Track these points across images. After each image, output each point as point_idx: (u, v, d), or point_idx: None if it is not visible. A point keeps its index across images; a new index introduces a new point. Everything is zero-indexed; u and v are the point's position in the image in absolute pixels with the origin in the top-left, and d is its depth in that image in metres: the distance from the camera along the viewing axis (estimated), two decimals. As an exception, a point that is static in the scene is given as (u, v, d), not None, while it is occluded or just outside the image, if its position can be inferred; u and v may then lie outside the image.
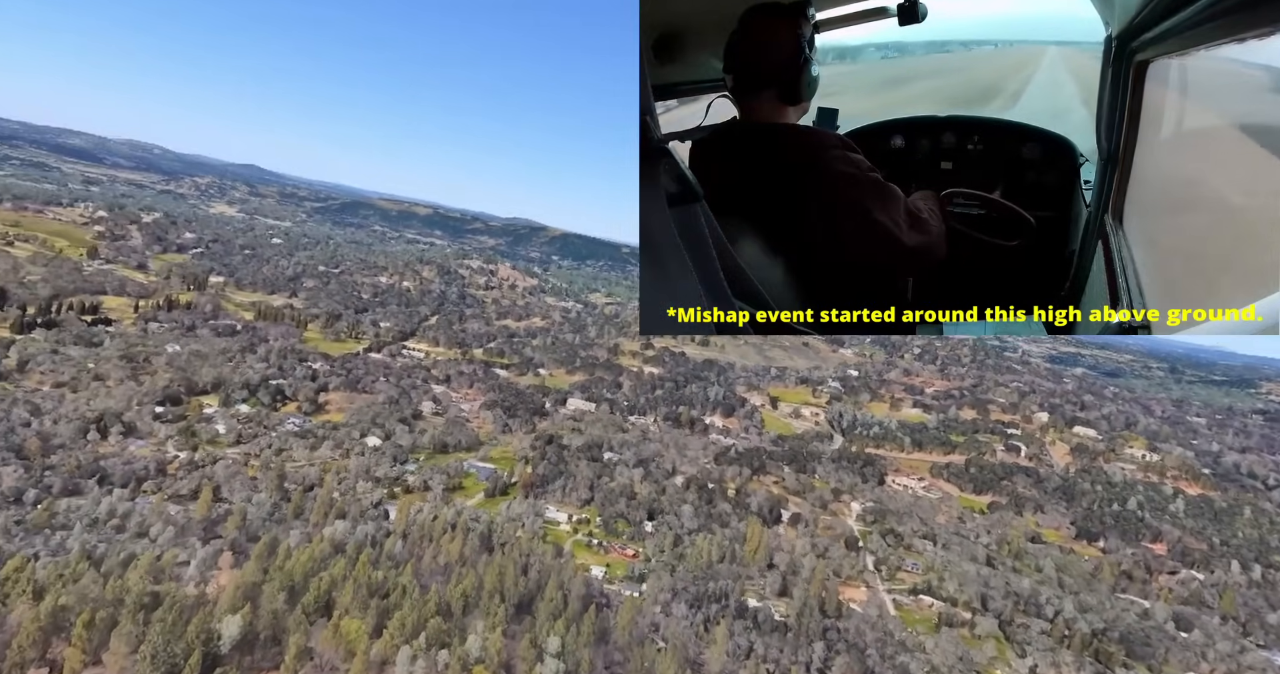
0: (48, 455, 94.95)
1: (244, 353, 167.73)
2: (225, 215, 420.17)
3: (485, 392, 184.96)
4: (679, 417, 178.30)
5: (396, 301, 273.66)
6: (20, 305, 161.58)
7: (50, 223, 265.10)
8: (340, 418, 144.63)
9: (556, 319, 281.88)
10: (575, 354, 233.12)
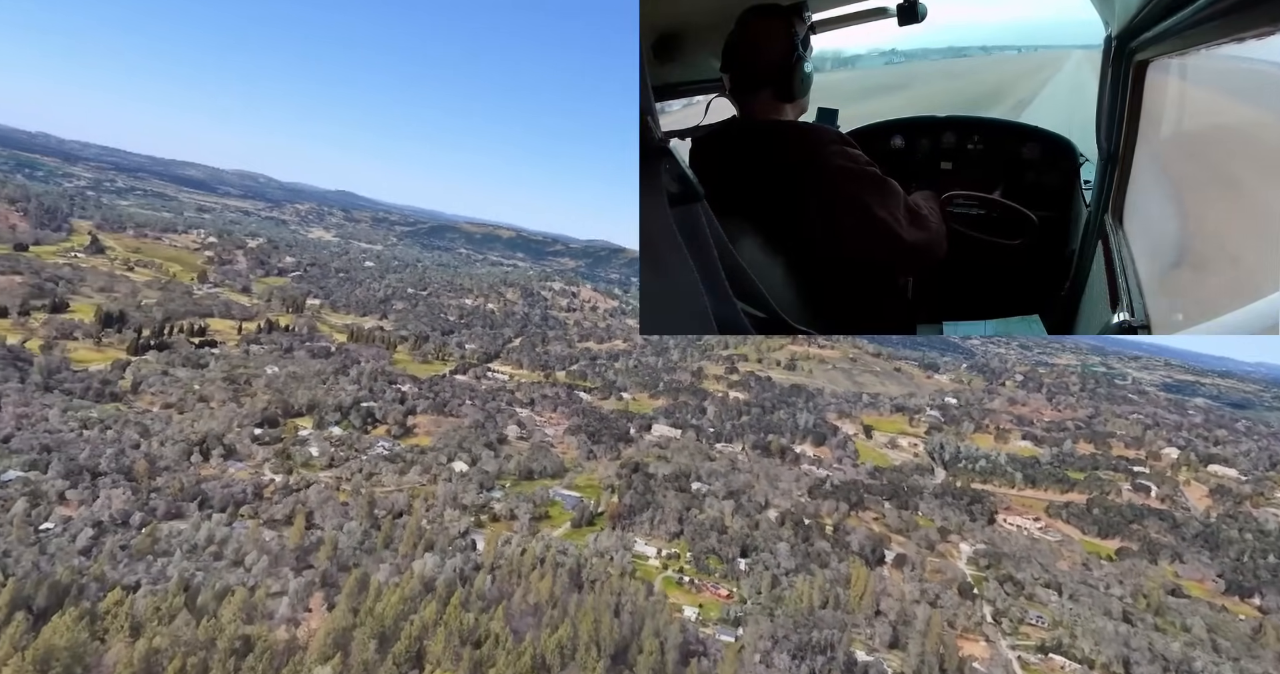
0: (154, 477, 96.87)
1: (337, 375, 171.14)
2: (322, 240, 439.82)
3: (569, 416, 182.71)
4: (768, 445, 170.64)
5: (481, 323, 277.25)
6: (136, 328, 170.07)
7: (166, 248, 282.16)
8: (428, 442, 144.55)
9: (638, 342, 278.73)
10: (658, 378, 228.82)
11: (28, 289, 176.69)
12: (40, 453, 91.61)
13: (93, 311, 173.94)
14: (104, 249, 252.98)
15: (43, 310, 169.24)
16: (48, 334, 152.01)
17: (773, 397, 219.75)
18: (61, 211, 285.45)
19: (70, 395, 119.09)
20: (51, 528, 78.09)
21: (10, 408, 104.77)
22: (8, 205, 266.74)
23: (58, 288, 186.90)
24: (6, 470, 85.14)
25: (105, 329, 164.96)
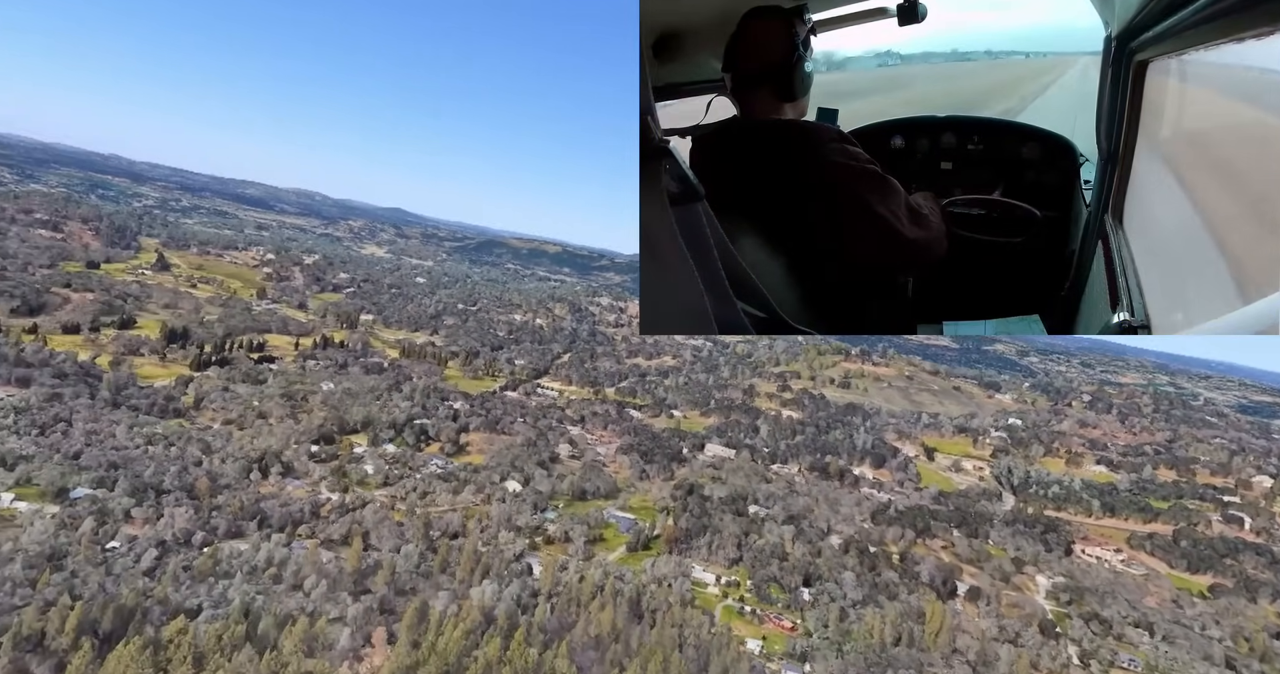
0: (215, 495, 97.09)
1: (390, 391, 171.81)
2: (375, 256, 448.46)
3: (620, 434, 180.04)
4: (826, 467, 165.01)
5: (530, 339, 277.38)
6: (199, 344, 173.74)
7: (227, 265, 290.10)
8: (481, 460, 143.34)
9: (687, 358, 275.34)
10: (709, 395, 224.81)
11: (99, 306, 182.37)
12: (108, 470, 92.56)
13: (158, 327, 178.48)
14: (169, 266, 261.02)
15: (112, 327, 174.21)
16: (116, 350, 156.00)
17: (827, 416, 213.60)
18: (130, 230, 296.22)
19: (136, 411, 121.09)
20: (117, 547, 78.22)
21: (80, 424, 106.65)
22: (81, 224, 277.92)
23: (126, 304, 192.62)
24: (76, 487, 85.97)
25: (170, 345, 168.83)
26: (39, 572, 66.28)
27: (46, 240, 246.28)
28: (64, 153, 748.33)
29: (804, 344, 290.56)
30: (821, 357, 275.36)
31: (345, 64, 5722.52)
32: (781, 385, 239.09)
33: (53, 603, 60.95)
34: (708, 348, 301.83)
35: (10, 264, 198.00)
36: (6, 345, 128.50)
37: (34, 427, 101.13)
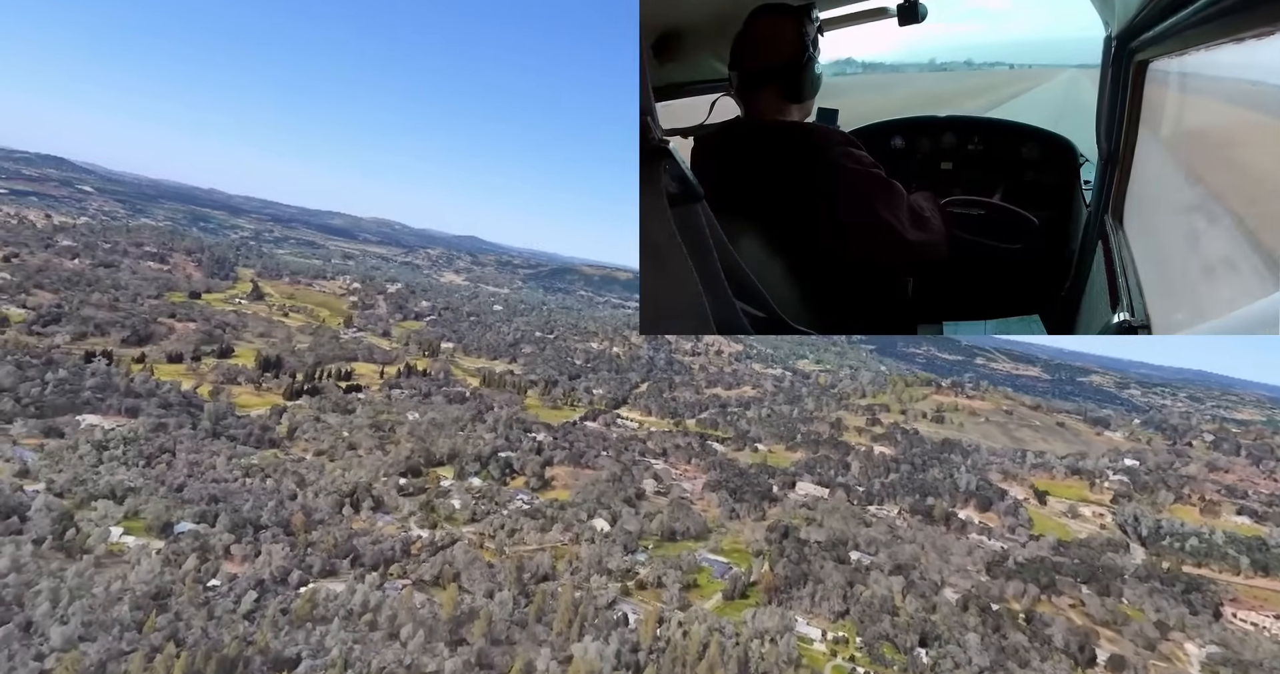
0: (310, 531, 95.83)
1: (474, 422, 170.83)
2: (453, 284, 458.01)
3: (705, 469, 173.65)
4: (930, 510, 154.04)
5: (607, 368, 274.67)
6: (291, 373, 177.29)
7: (316, 294, 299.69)
8: (566, 496, 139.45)
9: (768, 389, 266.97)
10: (795, 428, 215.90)
11: (200, 335, 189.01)
12: (209, 503, 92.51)
13: (253, 356, 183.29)
14: (263, 295, 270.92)
15: (212, 355, 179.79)
16: (216, 379, 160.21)
17: (923, 452, 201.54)
18: (228, 261, 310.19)
19: (234, 441, 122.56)
20: (218, 585, 76.93)
21: (184, 455, 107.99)
22: (185, 256, 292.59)
23: (225, 333, 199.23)
24: (180, 522, 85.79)
25: (264, 374, 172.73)
26: (145, 613, 64.96)
27: (154, 272, 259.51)
28: (169, 188, 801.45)
29: (891, 376, 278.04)
30: (910, 388, 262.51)
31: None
32: (870, 419, 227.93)
33: (159, 649, 59.17)
34: (788, 378, 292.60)
35: (122, 295, 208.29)
36: (118, 375, 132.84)
37: (141, 457, 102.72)
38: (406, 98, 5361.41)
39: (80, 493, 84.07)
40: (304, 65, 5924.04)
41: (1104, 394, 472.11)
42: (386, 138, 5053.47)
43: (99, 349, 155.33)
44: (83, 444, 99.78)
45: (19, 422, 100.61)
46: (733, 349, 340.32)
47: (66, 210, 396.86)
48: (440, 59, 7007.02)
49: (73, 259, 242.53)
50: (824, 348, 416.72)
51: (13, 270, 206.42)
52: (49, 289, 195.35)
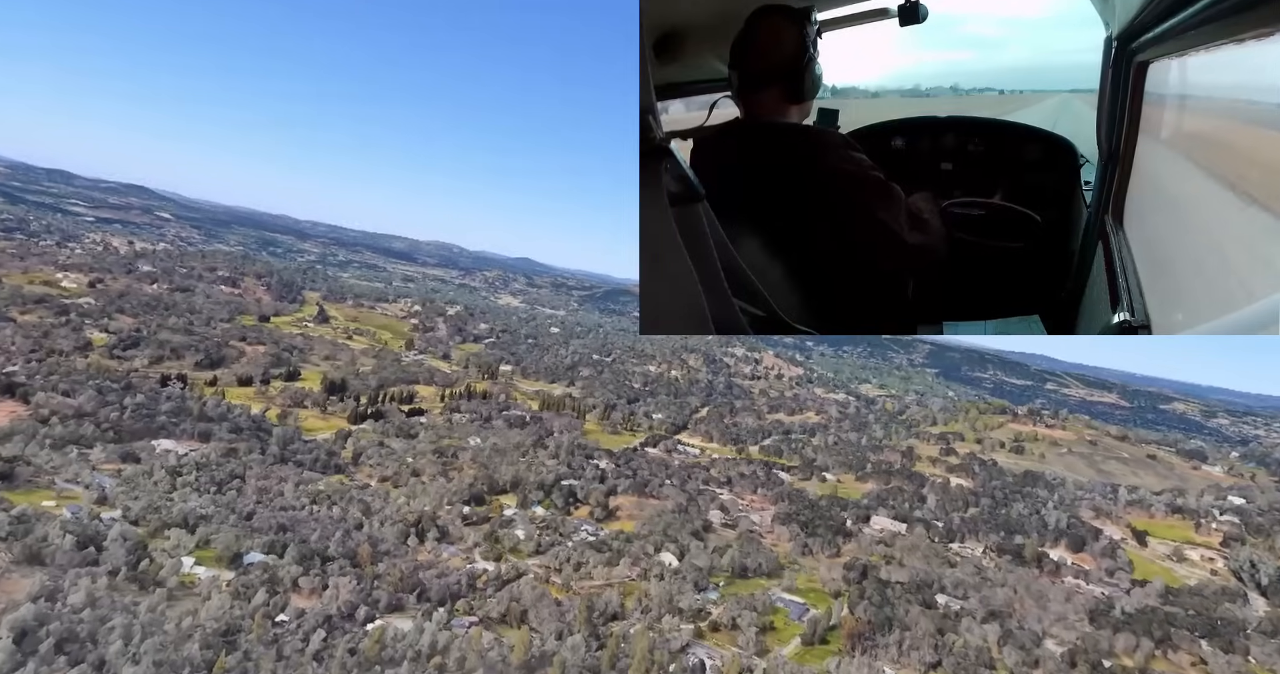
0: (376, 562, 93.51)
1: (535, 448, 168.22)
2: (510, 306, 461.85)
3: (773, 499, 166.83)
4: (1019, 550, 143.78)
5: (665, 391, 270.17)
6: (355, 396, 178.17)
7: (379, 317, 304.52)
8: (631, 527, 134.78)
9: (833, 415, 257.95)
10: (864, 457, 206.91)
11: (269, 359, 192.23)
12: (278, 533, 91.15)
13: (319, 379, 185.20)
14: (329, 318, 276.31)
15: (280, 378, 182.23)
16: (284, 402, 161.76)
17: (1003, 485, 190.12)
18: (296, 284, 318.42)
19: (301, 467, 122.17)
20: (286, 621, 74.68)
21: (253, 481, 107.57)
22: (255, 280, 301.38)
23: (292, 357, 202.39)
24: (249, 552, 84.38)
25: (330, 397, 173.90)
26: (215, 652, 62.76)
27: (226, 295, 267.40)
28: (241, 214, 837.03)
29: (961, 402, 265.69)
30: (984, 416, 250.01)
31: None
32: (944, 448, 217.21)
33: (227, 695, 56.62)
34: (853, 403, 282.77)
35: (196, 319, 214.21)
36: (191, 399, 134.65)
37: (213, 483, 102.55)
38: (450, 118, 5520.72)
39: (154, 521, 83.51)
40: (366, 94, 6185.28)
41: (1190, 423, 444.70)
42: (435, 159, 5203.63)
43: (174, 372, 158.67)
44: (158, 470, 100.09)
45: (99, 446, 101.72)
46: (793, 373, 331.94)
47: (147, 236, 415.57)
48: (481, 83, 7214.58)
49: (152, 284, 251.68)
50: (887, 372, 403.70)
51: (96, 295, 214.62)
52: (129, 313, 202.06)
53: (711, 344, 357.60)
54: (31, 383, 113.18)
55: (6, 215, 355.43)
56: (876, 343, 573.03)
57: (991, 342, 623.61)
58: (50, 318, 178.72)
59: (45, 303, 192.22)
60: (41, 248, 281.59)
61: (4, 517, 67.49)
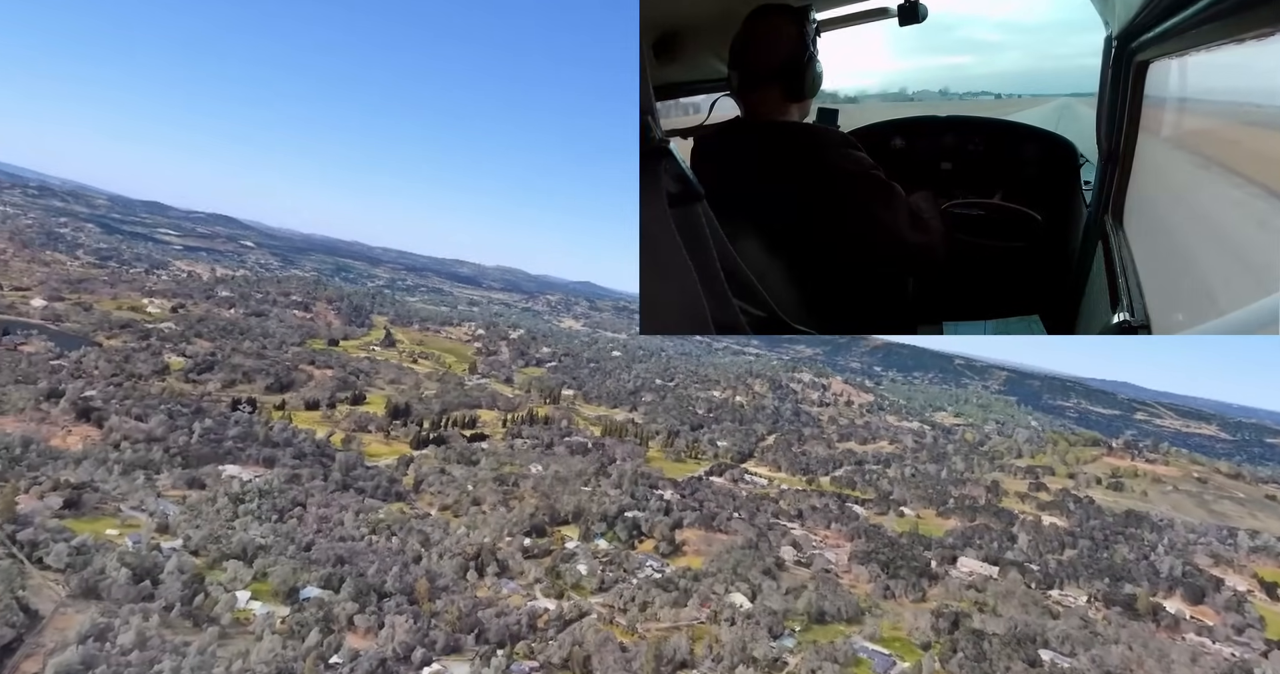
0: (434, 599, 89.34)
1: (597, 476, 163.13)
2: (573, 330, 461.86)
3: (848, 535, 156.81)
4: (1129, 601, 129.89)
5: (730, 418, 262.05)
6: (418, 420, 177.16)
7: (443, 341, 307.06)
8: (699, 564, 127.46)
9: (908, 444, 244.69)
10: (945, 491, 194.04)
11: (336, 382, 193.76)
12: (335, 565, 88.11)
13: (384, 403, 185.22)
14: (395, 342, 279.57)
15: (346, 402, 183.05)
16: (348, 427, 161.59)
17: (1103, 526, 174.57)
18: (365, 309, 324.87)
19: (363, 494, 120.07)
20: (339, 663, 70.77)
21: (314, 509, 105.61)
22: (326, 304, 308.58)
23: (358, 380, 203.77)
24: (306, 586, 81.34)
25: (393, 421, 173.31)
26: (263, 700, 58.98)
27: (298, 320, 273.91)
28: (318, 241, 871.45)
29: (1049, 433, 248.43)
30: (1075, 449, 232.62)
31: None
32: (1033, 483, 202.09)
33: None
34: (929, 432, 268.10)
35: (269, 343, 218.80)
36: (258, 424, 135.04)
37: (274, 511, 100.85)
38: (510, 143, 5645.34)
39: (214, 551, 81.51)
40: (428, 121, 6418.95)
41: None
42: (501, 185, 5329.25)
43: (244, 396, 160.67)
44: (221, 497, 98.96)
45: (166, 472, 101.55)
46: (863, 399, 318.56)
47: (228, 263, 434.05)
48: (528, 107, 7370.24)
49: (229, 309, 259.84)
50: (962, 399, 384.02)
51: (177, 320, 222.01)
52: (206, 338, 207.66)
53: (777, 369, 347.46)
54: (107, 407, 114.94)
55: (102, 245, 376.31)
56: (949, 369, 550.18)
57: (1067, 367, 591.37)
58: (133, 342, 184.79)
59: (130, 328, 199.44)
60: (131, 275, 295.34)
61: (64, 547, 66.10)
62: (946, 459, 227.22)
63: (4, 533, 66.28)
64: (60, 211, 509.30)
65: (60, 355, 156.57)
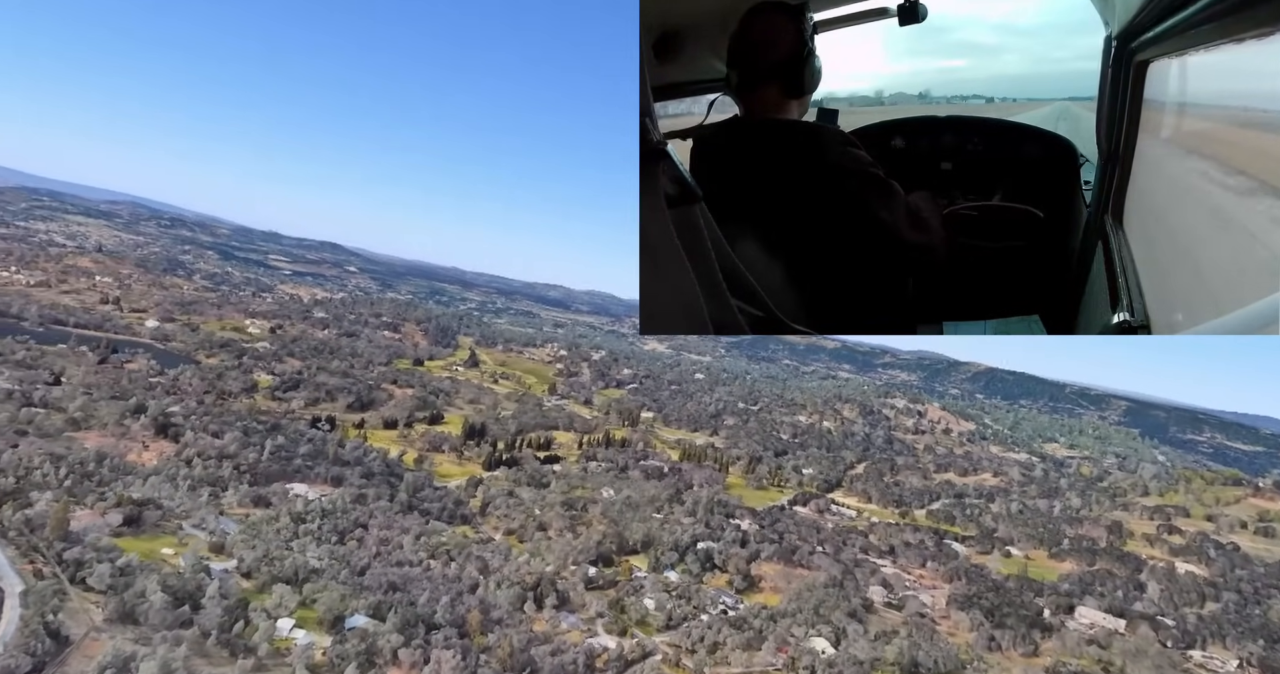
0: (486, 633, 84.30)
1: (671, 502, 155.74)
2: (656, 352, 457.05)
3: (946, 576, 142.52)
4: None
5: (817, 444, 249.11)
6: (493, 441, 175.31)
7: (526, 361, 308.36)
8: (777, 602, 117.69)
9: (1015, 477, 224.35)
10: (1058, 530, 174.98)
11: (416, 402, 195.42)
12: (386, 593, 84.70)
13: (460, 423, 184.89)
14: (479, 363, 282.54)
15: (423, 421, 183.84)
16: (422, 446, 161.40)
17: (1253, 577, 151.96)
18: (451, 330, 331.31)
19: (428, 516, 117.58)
20: (377, 701, 66.40)
21: (375, 531, 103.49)
22: (415, 326, 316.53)
23: (438, 400, 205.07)
24: (354, 613, 78.02)
25: (468, 441, 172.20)
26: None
27: (387, 340, 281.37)
28: (417, 266, 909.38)
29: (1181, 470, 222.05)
30: (1213, 488, 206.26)
31: None
32: (1163, 525, 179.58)
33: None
34: (1037, 464, 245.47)
35: (356, 362, 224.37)
36: (331, 442, 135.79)
37: (335, 532, 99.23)
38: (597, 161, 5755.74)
39: (264, 574, 79.68)
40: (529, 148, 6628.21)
41: None
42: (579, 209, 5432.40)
43: (325, 414, 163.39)
44: (283, 516, 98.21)
45: (233, 489, 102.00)
46: (963, 427, 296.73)
47: (330, 287, 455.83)
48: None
49: (323, 329, 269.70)
50: (1077, 430, 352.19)
51: (273, 340, 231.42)
52: (298, 356, 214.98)
53: (869, 394, 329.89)
54: (185, 423, 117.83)
55: (217, 270, 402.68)
56: (1060, 397, 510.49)
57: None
58: (229, 360, 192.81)
59: (228, 347, 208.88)
60: (239, 298, 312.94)
61: (107, 567, 65.09)
62: (1060, 495, 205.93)
63: (52, 551, 66.07)
64: (187, 240, 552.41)
65: (160, 373, 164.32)
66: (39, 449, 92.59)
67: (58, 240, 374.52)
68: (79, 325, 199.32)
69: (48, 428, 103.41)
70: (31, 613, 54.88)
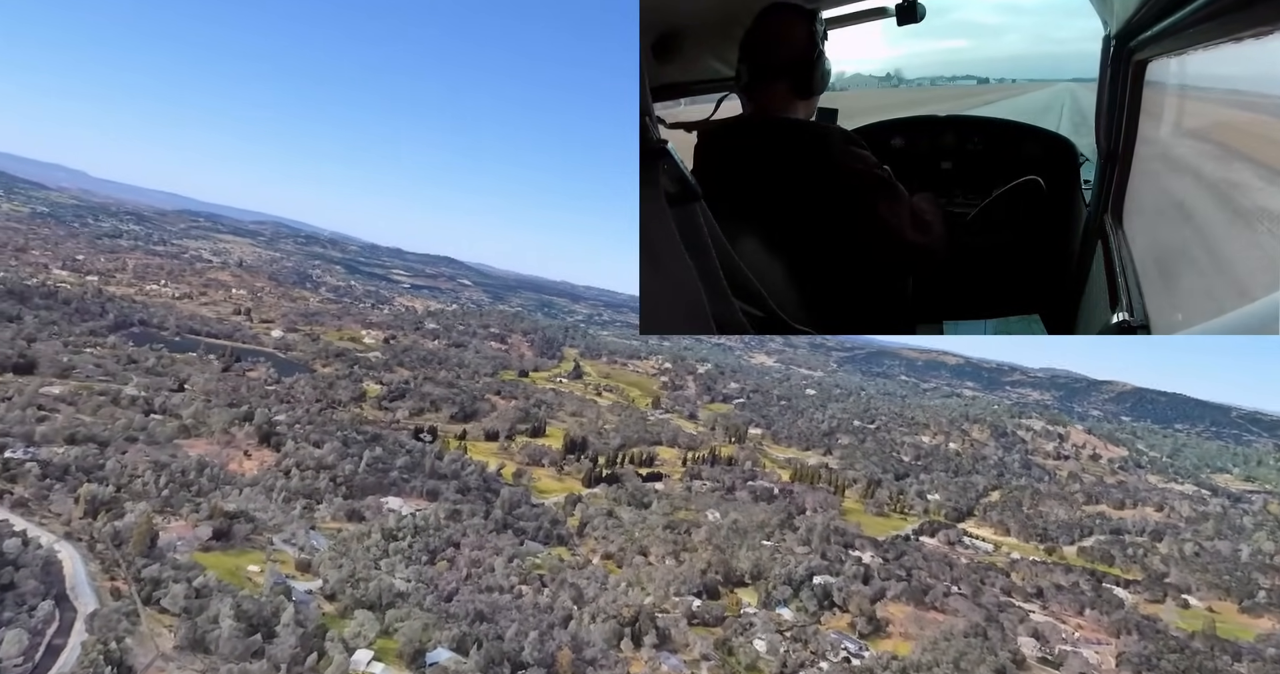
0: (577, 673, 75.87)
1: (782, 528, 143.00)
2: (764, 365, 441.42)
3: (1111, 628, 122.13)
4: None
5: (943, 467, 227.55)
6: (594, 456, 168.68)
7: (630, 374, 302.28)
8: (907, 651, 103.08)
9: (1183, 513, 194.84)
10: (1249, 579, 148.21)
11: (519, 413, 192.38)
12: (473, 622, 78.19)
13: (562, 436, 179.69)
14: (582, 375, 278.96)
15: (525, 434, 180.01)
16: (522, 460, 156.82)
17: None
18: (557, 341, 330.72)
19: (522, 535, 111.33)
20: (453, 752, 59.11)
21: (467, 551, 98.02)
22: (522, 337, 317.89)
23: (540, 412, 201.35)
24: (436, 646, 71.74)
25: (568, 455, 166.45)
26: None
27: (494, 351, 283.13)
28: (529, 280, 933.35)
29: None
30: None
31: None
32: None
33: None
34: (1212, 500, 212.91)
35: (462, 373, 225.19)
36: (429, 454, 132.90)
37: (425, 551, 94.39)
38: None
39: (348, 597, 75.00)
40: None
41: None
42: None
43: (429, 424, 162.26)
44: (375, 532, 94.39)
45: (327, 502, 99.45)
46: (1113, 453, 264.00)
47: (444, 300, 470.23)
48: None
49: (433, 340, 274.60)
50: (1253, 460, 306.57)
51: (385, 350, 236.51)
52: (407, 366, 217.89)
53: (1000, 414, 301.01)
54: (289, 432, 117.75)
55: (341, 283, 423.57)
56: (1224, 421, 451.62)
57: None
58: (342, 369, 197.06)
59: (343, 356, 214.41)
60: (359, 310, 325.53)
61: (183, 588, 61.62)
62: (1244, 536, 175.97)
63: (132, 569, 63.45)
64: (318, 256, 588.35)
65: (278, 381, 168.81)
66: (145, 457, 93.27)
67: (205, 256, 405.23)
68: (210, 335, 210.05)
69: (158, 435, 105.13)
70: (94, 639, 51.39)
